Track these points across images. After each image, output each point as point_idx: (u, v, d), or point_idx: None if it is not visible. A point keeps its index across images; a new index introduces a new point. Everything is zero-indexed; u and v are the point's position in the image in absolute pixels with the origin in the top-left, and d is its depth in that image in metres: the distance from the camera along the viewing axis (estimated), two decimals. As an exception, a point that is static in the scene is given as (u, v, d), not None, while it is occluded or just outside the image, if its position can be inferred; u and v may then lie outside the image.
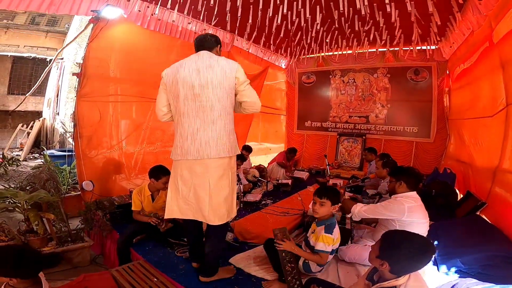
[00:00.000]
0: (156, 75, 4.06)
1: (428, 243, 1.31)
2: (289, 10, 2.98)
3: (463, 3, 2.91)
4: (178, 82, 1.85)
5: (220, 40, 2.10)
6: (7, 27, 10.19)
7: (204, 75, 1.82)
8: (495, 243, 2.14)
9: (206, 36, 2.02)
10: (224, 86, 1.82)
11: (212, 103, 1.82)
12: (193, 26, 3.93)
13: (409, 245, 1.27)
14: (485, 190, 2.86)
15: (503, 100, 2.63)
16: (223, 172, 1.89)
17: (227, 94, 1.85)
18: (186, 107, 1.85)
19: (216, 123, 1.84)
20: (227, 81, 1.83)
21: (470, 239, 2.28)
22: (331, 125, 6.38)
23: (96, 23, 3.07)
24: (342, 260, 2.27)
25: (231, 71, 1.84)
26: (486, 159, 3.04)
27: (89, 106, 3.25)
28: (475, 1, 2.71)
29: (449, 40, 4.19)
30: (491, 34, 2.79)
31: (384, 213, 2.10)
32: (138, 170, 3.96)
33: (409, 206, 2.05)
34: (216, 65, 1.84)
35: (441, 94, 5.14)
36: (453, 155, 4.54)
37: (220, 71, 1.82)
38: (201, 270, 2.04)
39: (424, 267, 1.31)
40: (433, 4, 2.79)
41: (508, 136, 2.53)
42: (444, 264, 2.12)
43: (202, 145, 1.83)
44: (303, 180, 4.96)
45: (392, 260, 1.27)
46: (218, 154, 1.84)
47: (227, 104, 1.86)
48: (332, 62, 6.23)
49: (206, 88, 1.81)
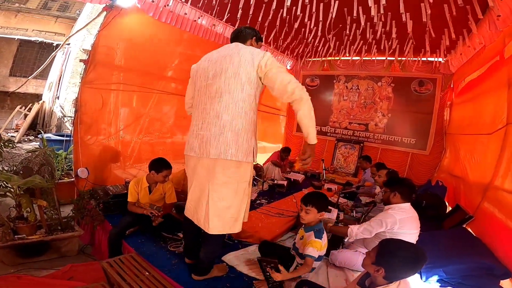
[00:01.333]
0: (161, 67, 4.14)
1: (422, 252, 1.38)
2: (302, 12, 2.96)
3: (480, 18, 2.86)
4: (198, 71, 1.78)
5: (259, 33, 1.90)
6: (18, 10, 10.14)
7: (219, 64, 1.66)
8: (477, 255, 2.21)
9: (241, 28, 1.88)
10: (240, 76, 1.61)
11: (220, 94, 1.63)
12: (203, 20, 3.92)
13: (404, 253, 1.34)
14: (474, 205, 2.94)
15: (504, 119, 2.66)
16: (227, 179, 1.66)
17: (241, 86, 1.62)
18: (198, 98, 1.73)
19: (222, 118, 1.62)
20: (245, 71, 1.61)
21: (455, 250, 2.36)
22: (330, 130, 6.41)
23: (110, 11, 3.06)
24: (333, 264, 2.31)
25: (253, 59, 1.62)
26: (479, 175, 3.10)
27: (92, 93, 3.24)
28: (493, 16, 2.68)
29: (458, 53, 4.20)
30: (503, 49, 2.79)
31: (380, 229, 2.12)
32: (133, 159, 3.96)
33: (400, 219, 2.08)
34: (237, 54, 1.65)
35: (442, 107, 5.19)
36: (447, 168, 4.61)
37: (238, 60, 1.62)
38: (194, 268, 1.97)
39: (414, 274, 1.38)
40: (449, 16, 2.79)
41: (504, 155, 2.57)
42: (428, 273, 2.19)
43: (203, 141, 1.66)
44: (299, 183, 4.98)
45: (388, 267, 1.34)
46: (218, 155, 1.61)
47: (239, 98, 1.62)
48: (337, 67, 6.24)
49: (219, 77, 1.65)
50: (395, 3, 2.62)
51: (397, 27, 3.38)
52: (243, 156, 1.65)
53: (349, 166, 6.08)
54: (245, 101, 1.65)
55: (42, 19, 10.78)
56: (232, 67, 1.63)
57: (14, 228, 2.44)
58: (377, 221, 2.16)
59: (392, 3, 2.62)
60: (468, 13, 2.82)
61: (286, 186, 4.49)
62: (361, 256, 2.23)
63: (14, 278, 2.12)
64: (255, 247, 2.47)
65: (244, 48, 1.70)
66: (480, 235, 2.60)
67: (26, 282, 2.07)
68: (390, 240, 1.50)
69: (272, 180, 4.74)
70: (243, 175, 1.71)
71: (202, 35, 4.07)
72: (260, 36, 1.92)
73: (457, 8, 2.60)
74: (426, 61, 4.96)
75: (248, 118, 1.67)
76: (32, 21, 10.60)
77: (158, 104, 4.22)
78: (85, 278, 2.15)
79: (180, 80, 4.41)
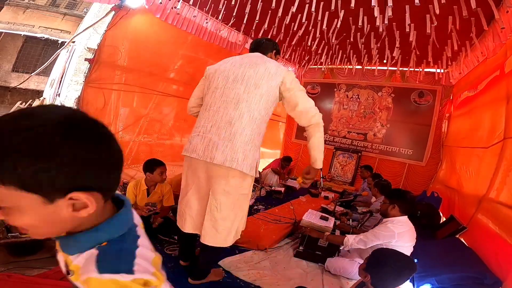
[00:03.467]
0: (163, 68, 4.17)
1: (410, 263, 1.44)
2: (307, 20, 3.01)
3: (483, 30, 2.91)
4: (216, 72, 1.72)
5: (278, 47, 1.91)
6: (27, 7, 10.22)
7: (243, 70, 1.65)
8: (469, 265, 2.25)
9: (262, 39, 1.88)
10: (261, 87, 1.61)
11: (238, 100, 1.60)
12: (209, 24, 3.97)
13: (392, 264, 1.39)
14: (467, 216, 2.98)
15: (501, 133, 2.70)
16: (229, 189, 1.62)
17: (260, 97, 1.61)
18: (211, 100, 1.68)
19: (234, 125, 1.59)
20: (267, 83, 1.61)
21: (447, 259, 2.39)
22: (329, 138, 6.44)
23: (118, 11, 3.09)
24: (328, 271, 2.33)
25: (277, 73, 1.63)
26: (474, 187, 3.14)
27: (95, 92, 3.26)
28: (497, 28, 2.72)
29: (459, 65, 4.24)
30: (504, 63, 2.82)
31: (376, 242, 2.12)
32: (131, 160, 3.95)
33: (399, 233, 2.08)
34: (262, 64, 1.65)
35: (441, 119, 5.24)
36: (442, 180, 4.65)
37: (263, 70, 1.63)
38: (191, 272, 1.93)
39: (403, 283, 1.42)
40: (453, 28, 2.83)
41: (500, 169, 2.61)
42: (421, 281, 2.21)
43: (210, 145, 1.60)
44: (296, 190, 4.99)
45: (374, 274, 1.39)
46: (223, 162, 1.56)
47: (255, 108, 1.61)
48: (339, 75, 6.30)
49: (240, 83, 1.62)
50: (400, 14, 2.67)
51: (401, 37, 3.43)
52: (248, 168, 1.62)
53: (346, 174, 6.10)
54: (260, 112, 1.63)
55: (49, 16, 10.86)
56: (256, 77, 1.62)
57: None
58: (374, 234, 2.16)
59: (398, 13, 2.66)
60: (472, 25, 2.86)
61: (283, 193, 4.50)
62: (356, 265, 2.23)
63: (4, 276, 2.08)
64: (252, 253, 2.47)
65: (269, 60, 1.71)
66: (472, 246, 2.65)
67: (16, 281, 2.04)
68: (381, 250, 1.56)
69: (269, 187, 4.74)
70: (245, 188, 1.68)
71: (207, 39, 4.12)
72: (279, 49, 1.92)
73: (461, 20, 2.63)
74: (428, 72, 5.03)
75: (258, 131, 1.66)
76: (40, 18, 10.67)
77: (159, 106, 4.24)
78: (79, 278, 2.13)
79: (182, 82, 4.43)
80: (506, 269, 2.06)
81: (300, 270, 2.34)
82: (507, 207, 2.31)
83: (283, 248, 2.69)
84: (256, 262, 2.33)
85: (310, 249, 2.51)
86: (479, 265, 2.26)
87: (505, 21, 2.58)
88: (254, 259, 2.37)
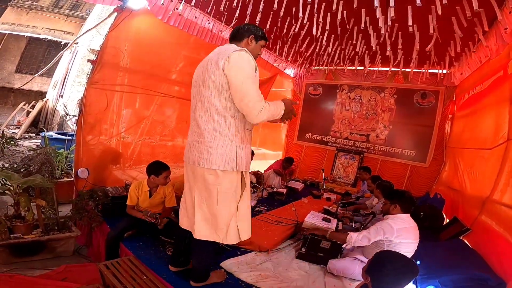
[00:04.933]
0: (166, 70, 4.18)
1: (412, 266, 1.44)
2: (309, 21, 3.00)
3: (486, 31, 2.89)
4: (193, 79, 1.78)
5: (259, 32, 1.74)
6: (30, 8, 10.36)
7: (198, 69, 1.68)
8: (472, 267, 2.24)
9: (239, 26, 1.75)
10: (207, 82, 1.56)
11: (196, 102, 1.65)
12: (211, 25, 3.98)
13: (393, 266, 1.41)
14: (471, 217, 2.96)
15: (505, 134, 2.69)
16: (206, 186, 1.65)
17: (210, 92, 1.56)
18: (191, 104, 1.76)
19: (199, 126, 1.63)
20: (212, 76, 1.54)
21: (451, 261, 2.39)
22: (331, 139, 6.42)
23: (121, 13, 3.10)
24: (330, 273, 2.32)
25: (218, 60, 1.52)
26: (477, 189, 3.13)
27: (97, 93, 3.26)
28: (500, 29, 2.71)
29: (462, 66, 4.22)
30: (507, 64, 2.81)
31: (377, 237, 2.16)
32: (133, 161, 3.96)
33: (398, 228, 2.13)
34: (212, 57, 1.60)
35: (443, 120, 5.20)
36: (446, 181, 4.61)
37: (214, 61, 1.55)
38: (192, 275, 1.94)
39: (405, 286, 1.42)
40: (457, 29, 2.82)
41: (504, 170, 2.59)
42: (424, 283, 2.20)
43: (188, 147, 1.75)
44: (298, 191, 4.98)
45: (374, 277, 1.41)
46: (194, 162, 1.65)
47: (211, 104, 1.57)
48: (341, 76, 6.27)
49: (196, 84, 1.67)
50: (403, 15, 2.66)
51: (403, 38, 3.41)
52: (219, 165, 1.58)
53: (348, 176, 6.08)
54: (217, 107, 1.57)
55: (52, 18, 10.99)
56: (203, 73, 1.61)
57: (10, 227, 2.41)
58: (375, 229, 2.19)
59: (400, 14, 2.65)
60: (476, 25, 2.84)
61: (285, 194, 4.49)
62: (359, 264, 2.24)
63: (6, 277, 2.10)
64: (253, 254, 2.46)
65: (223, 49, 1.60)
66: (476, 247, 2.63)
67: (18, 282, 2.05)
68: (384, 252, 1.59)
69: (271, 188, 4.74)
70: (224, 184, 1.63)
71: (209, 40, 4.13)
72: (262, 34, 1.75)
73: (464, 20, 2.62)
74: (430, 73, 5.00)
75: (223, 124, 1.58)
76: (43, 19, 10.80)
77: (161, 107, 4.24)
78: (80, 279, 2.13)
79: (184, 83, 4.44)
80: (510, 271, 2.04)
81: (302, 271, 2.33)
82: (511, 208, 2.29)
83: (285, 249, 2.68)
84: (258, 263, 2.33)
85: (312, 250, 2.50)
86: (483, 267, 2.25)
87: (508, 22, 2.56)
88: (256, 260, 2.37)
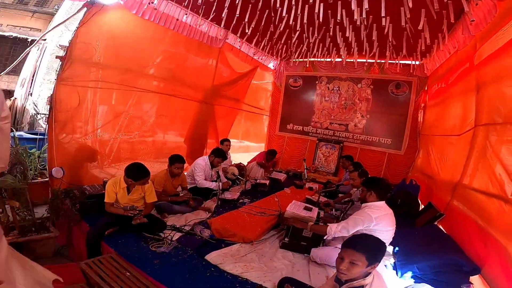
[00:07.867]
0: (142, 65, 4.06)
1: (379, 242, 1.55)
2: (287, 14, 3.01)
3: (454, 22, 3.02)
4: None
5: None
6: None
7: None
8: (448, 252, 2.34)
9: None
10: None
11: None
12: (188, 18, 3.88)
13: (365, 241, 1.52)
14: (444, 202, 3.10)
15: (472, 121, 2.84)
16: None
17: None
18: None
19: None
20: None
21: (427, 247, 2.48)
22: (312, 130, 6.55)
23: (90, 8, 2.95)
24: (314, 261, 2.39)
25: None
26: (448, 174, 3.28)
27: (68, 90, 3.11)
28: (467, 21, 2.83)
29: (433, 57, 4.41)
30: (473, 55, 2.94)
31: (356, 228, 2.22)
32: (112, 158, 3.84)
33: (376, 217, 2.19)
34: None
35: (416, 109, 5.45)
36: (420, 168, 4.85)
37: None
38: None
39: None
40: (425, 21, 2.92)
41: (472, 155, 2.75)
42: (403, 269, 2.31)
43: None
44: (281, 182, 5.05)
45: None
46: None
47: None
48: (320, 68, 6.39)
49: None
50: (377, 7, 2.72)
51: (378, 30, 3.50)
52: None
53: (329, 165, 6.24)
54: None
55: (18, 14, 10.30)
56: None
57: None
58: (354, 220, 2.26)
59: (374, 7, 2.72)
60: (444, 18, 2.97)
61: (268, 186, 4.54)
62: (340, 252, 2.31)
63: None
64: (238, 246, 2.49)
65: None
66: (450, 232, 2.75)
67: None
68: None
69: (254, 180, 4.78)
70: None
71: (186, 34, 4.03)
72: None
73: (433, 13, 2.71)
74: (404, 64, 5.20)
75: None
76: (7, 16, 10.12)
77: (139, 102, 4.12)
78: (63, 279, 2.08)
79: (162, 78, 4.33)
80: (483, 256, 2.14)
81: (287, 261, 2.39)
82: (480, 192, 2.41)
83: (269, 240, 2.73)
84: (242, 255, 2.36)
85: (295, 240, 2.57)
86: (457, 253, 2.34)
87: (474, 14, 2.69)
88: (240, 252, 2.40)
